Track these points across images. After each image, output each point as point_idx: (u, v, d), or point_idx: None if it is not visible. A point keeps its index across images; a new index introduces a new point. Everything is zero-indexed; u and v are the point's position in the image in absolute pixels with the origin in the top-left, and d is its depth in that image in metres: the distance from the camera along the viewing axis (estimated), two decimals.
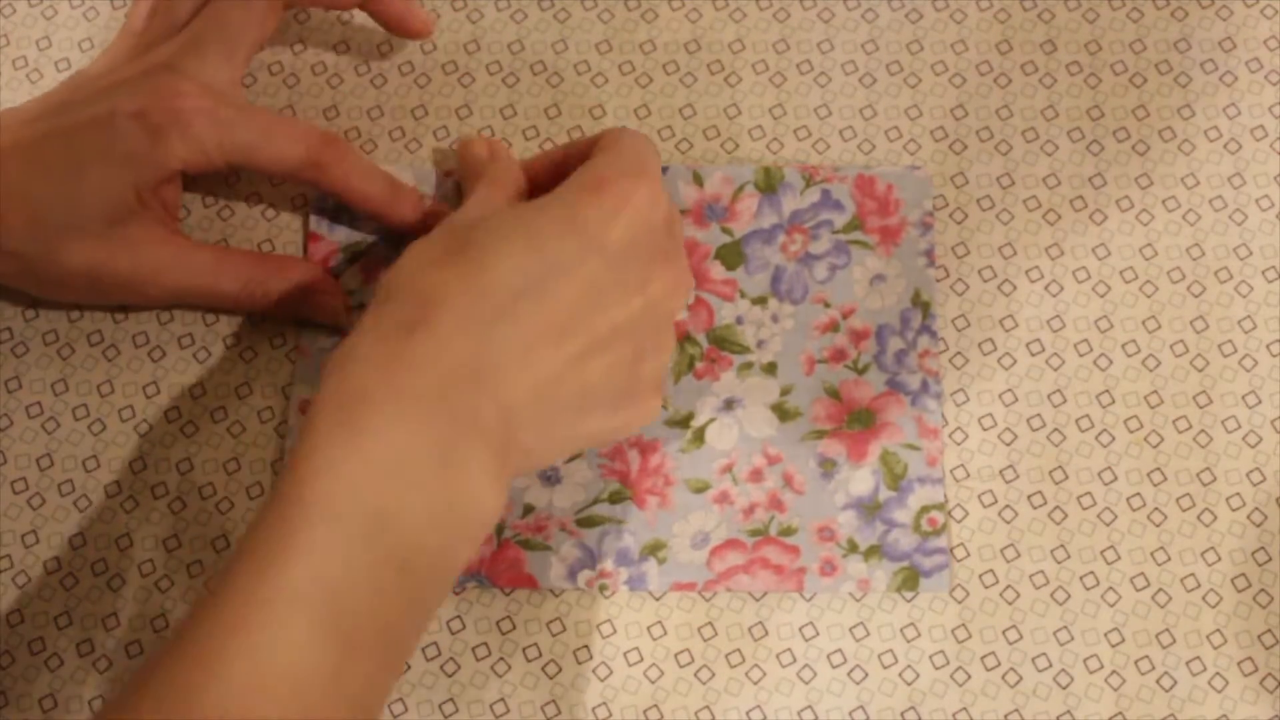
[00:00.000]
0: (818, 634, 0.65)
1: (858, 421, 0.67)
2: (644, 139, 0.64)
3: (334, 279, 0.69)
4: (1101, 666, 0.64)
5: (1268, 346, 0.68)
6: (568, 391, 0.59)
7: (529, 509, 0.66)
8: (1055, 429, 0.67)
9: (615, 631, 0.65)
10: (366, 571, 0.53)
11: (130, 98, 0.65)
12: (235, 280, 0.67)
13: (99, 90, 0.67)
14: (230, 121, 0.66)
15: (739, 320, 0.68)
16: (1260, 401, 0.67)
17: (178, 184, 0.68)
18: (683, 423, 0.67)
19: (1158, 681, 0.64)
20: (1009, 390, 0.68)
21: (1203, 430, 0.67)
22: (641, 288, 0.61)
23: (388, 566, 0.54)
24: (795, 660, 0.64)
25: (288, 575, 0.52)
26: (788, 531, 0.65)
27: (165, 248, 0.67)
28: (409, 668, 0.65)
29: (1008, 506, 0.66)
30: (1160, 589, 0.65)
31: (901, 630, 0.65)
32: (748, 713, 0.64)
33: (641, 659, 0.65)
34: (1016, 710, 0.64)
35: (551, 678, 0.64)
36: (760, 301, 0.68)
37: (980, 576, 0.65)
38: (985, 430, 0.67)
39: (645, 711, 0.64)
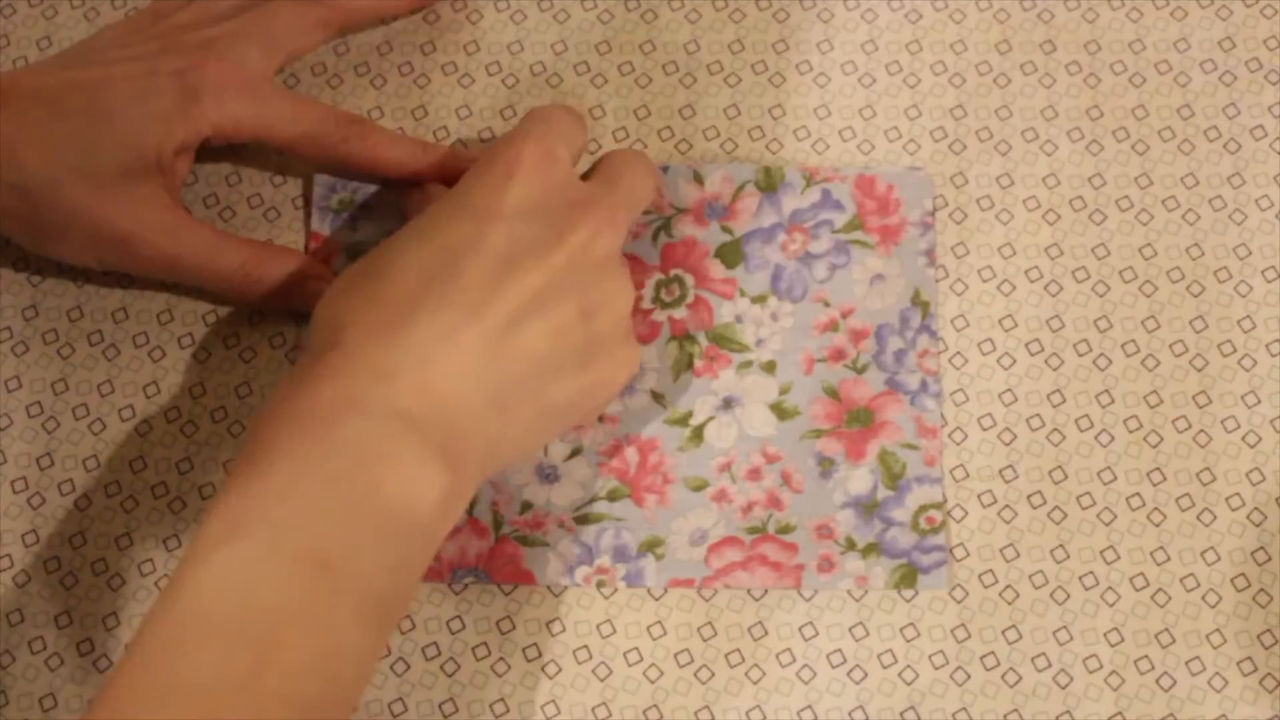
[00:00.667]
0: (817, 634, 0.65)
1: (856, 421, 0.67)
2: (554, 110, 0.65)
3: (330, 270, 0.69)
4: (1101, 666, 0.64)
5: (1267, 346, 0.68)
6: (514, 365, 0.59)
7: (527, 505, 0.66)
8: (1055, 429, 0.67)
9: (615, 631, 0.65)
10: (276, 576, 0.53)
11: (170, 59, 0.66)
12: (233, 259, 0.67)
13: (132, 54, 0.67)
14: (265, 96, 0.67)
15: (738, 319, 0.68)
16: (1260, 401, 0.67)
17: (190, 158, 0.68)
18: (681, 421, 0.67)
19: (1157, 681, 0.64)
20: (1008, 390, 0.68)
21: (1202, 430, 0.67)
22: (558, 241, 0.60)
23: (301, 566, 0.53)
24: (795, 660, 0.64)
25: (191, 599, 0.53)
26: (786, 529, 0.65)
27: (169, 213, 0.67)
28: (409, 667, 0.65)
29: (1007, 506, 0.66)
30: (1160, 589, 0.65)
31: (901, 630, 0.65)
32: (747, 713, 0.64)
33: (641, 659, 0.65)
34: (1016, 710, 0.63)
35: (551, 678, 0.64)
36: (760, 300, 0.68)
37: (980, 576, 0.65)
38: (985, 430, 0.67)
39: (645, 711, 0.64)
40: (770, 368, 0.68)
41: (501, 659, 0.65)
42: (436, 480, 0.56)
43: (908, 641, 0.65)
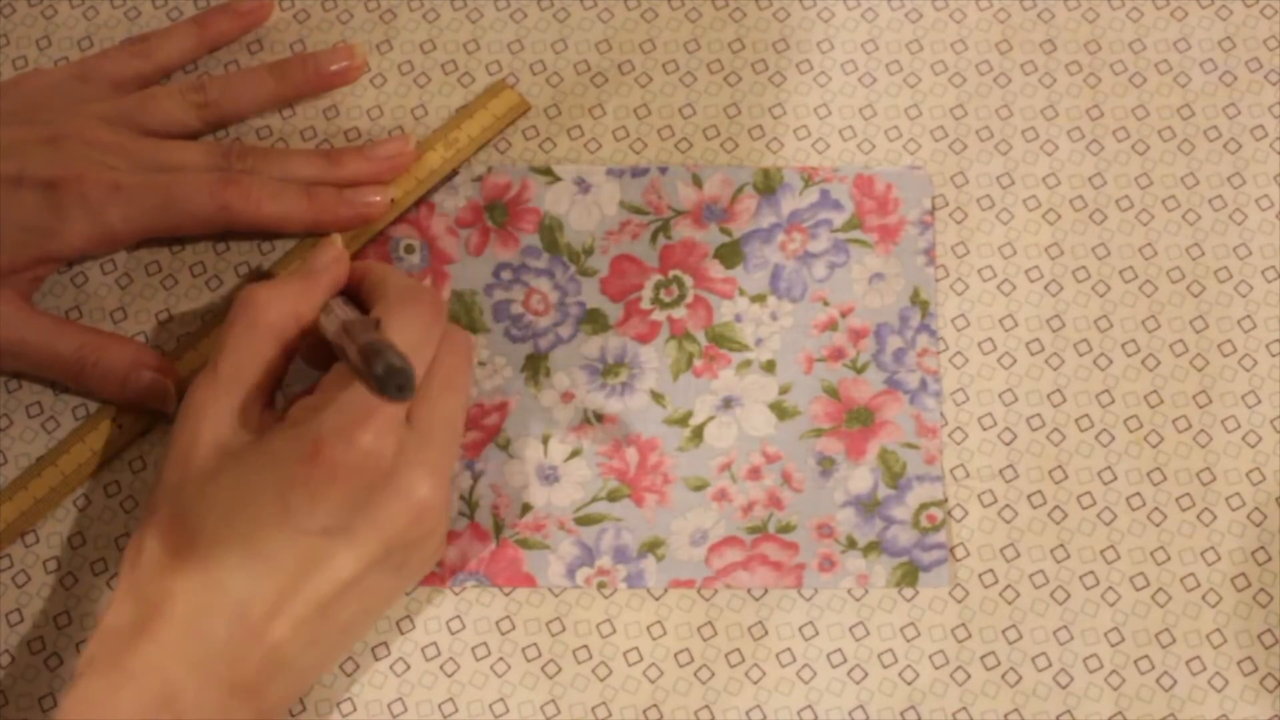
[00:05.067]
0: (817, 633, 0.65)
1: (856, 420, 0.67)
2: (412, 329, 0.61)
3: (169, 362, 0.68)
4: (1101, 666, 0.64)
5: (1267, 346, 0.68)
6: (321, 641, 0.60)
7: (527, 508, 0.66)
8: (1055, 429, 0.67)
9: (615, 631, 0.65)
10: None
11: (41, 162, 0.66)
12: (71, 343, 0.66)
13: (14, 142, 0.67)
14: (132, 191, 0.67)
15: (738, 318, 0.68)
16: (1260, 401, 0.67)
17: (53, 268, 0.69)
18: (681, 421, 0.67)
19: (1158, 681, 0.64)
20: (1009, 390, 0.68)
21: (1203, 430, 0.67)
22: (376, 534, 0.59)
23: None
24: (795, 660, 0.64)
25: None
26: (786, 529, 0.65)
27: (7, 304, 0.66)
28: (408, 667, 0.64)
29: (1008, 506, 0.66)
30: (1160, 589, 0.65)
31: (901, 630, 0.65)
32: (747, 712, 0.64)
33: (641, 659, 0.65)
34: (1016, 710, 0.63)
35: (551, 678, 0.64)
36: (759, 299, 0.68)
37: (980, 576, 0.65)
38: (985, 430, 0.67)
39: (645, 711, 0.64)
40: (770, 367, 0.68)
41: (501, 659, 0.65)
42: None
43: (908, 641, 0.64)
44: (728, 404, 0.67)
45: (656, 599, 0.65)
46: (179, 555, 0.59)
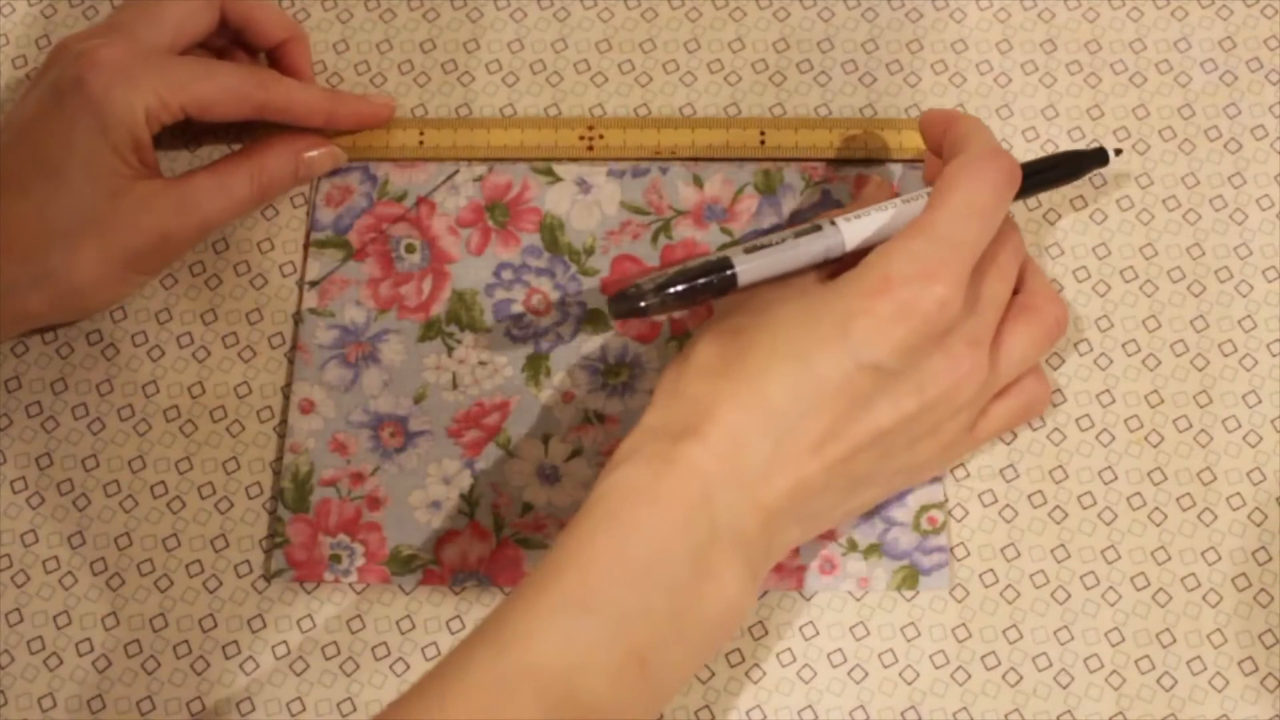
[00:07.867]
0: (818, 633, 0.65)
1: None
2: (988, 189, 0.61)
3: (324, 137, 0.71)
4: (1102, 666, 0.64)
5: (1268, 346, 0.68)
6: (834, 488, 0.60)
7: (528, 507, 0.66)
8: (1055, 428, 0.67)
9: None
10: (606, 666, 0.54)
11: (64, 70, 0.66)
12: (242, 183, 0.68)
13: (30, 88, 0.68)
14: (170, 64, 0.67)
15: None
16: (1260, 401, 0.67)
17: (148, 141, 0.67)
18: None
19: (1158, 681, 0.64)
20: None
21: (1203, 430, 0.67)
22: (918, 392, 0.59)
23: (630, 664, 0.55)
24: (795, 660, 0.64)
25: (528, 656, 0.54)
26: None
27: (166, 197, 0.67)
28: (408, 667, 0.64)
29: (1008, 506, 0.66)
30: (1160, 589, 0.65)
31: (901, 629, 0.65)
32: (748, 712, 0.64)
33: None
34: (1016, 710, 0.63)
35: None
36: None
37: (980, 576, 0.65)
38: None
39: None
40: None
41: None
42: (745, 602, 0.58)
43: (908, 641, 0.64)
44: None
45: None
46: (731, 363, 0.59)
